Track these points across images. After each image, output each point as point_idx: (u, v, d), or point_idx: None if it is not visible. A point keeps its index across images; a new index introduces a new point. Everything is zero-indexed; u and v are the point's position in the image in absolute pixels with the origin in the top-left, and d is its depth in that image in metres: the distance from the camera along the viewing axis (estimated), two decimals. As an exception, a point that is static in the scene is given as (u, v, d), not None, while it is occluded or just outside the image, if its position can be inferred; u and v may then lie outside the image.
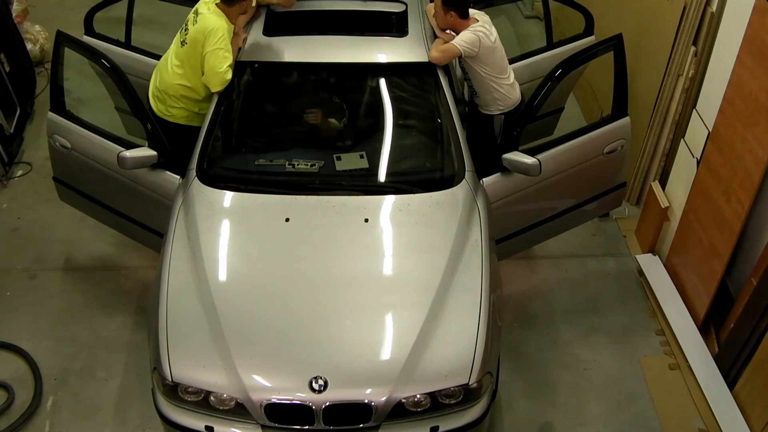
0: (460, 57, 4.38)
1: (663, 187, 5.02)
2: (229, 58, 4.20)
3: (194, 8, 4.36)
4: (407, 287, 3.52)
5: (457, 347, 3.33)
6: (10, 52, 6.22)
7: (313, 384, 3.19)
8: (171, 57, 4.44)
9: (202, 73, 4.26)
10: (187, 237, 3.68)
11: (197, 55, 4.24)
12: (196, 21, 4.27)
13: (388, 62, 4.36)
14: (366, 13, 4.65)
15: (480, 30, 4.35)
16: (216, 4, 4.29)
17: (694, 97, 4.70)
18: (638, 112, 4.97)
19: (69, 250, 5.12)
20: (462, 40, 4.31)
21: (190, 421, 3.33)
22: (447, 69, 4.51)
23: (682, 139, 4.79)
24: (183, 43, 4.34)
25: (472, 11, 4.44)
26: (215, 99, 4.24)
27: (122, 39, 5.10)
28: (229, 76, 4.20)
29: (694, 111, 4.63)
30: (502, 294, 3.79)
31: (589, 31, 5.13)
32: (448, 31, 4.43)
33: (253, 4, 4.54)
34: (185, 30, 4.34)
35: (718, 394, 4.10)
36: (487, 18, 4.50)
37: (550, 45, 5.19)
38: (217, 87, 4.22)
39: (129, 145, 4.09)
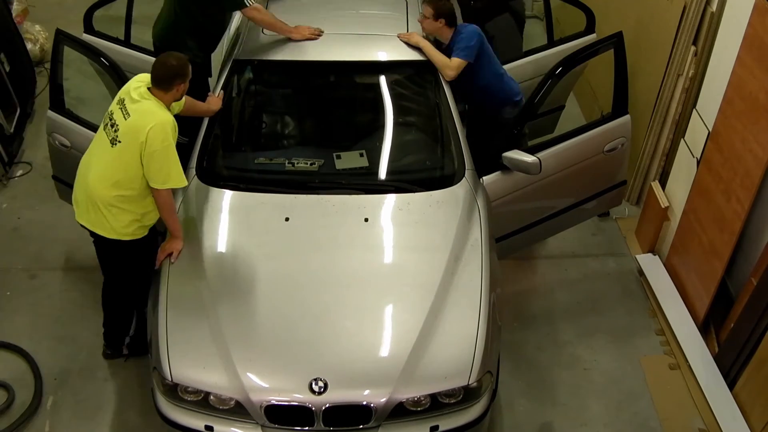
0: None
1: (663, 186, 5.02)
2: (178, 162, 3.57)
3: (117, 98, 3.62)
4: (407, 287, 3.52)
5: (457, 347, 3.33)
6: (10, 52, 6.22)
7: (313, 385, 3.18)
8: (94, 164, 3.64)
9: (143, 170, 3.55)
10: (186, 236, 3.68)
11: (134, 152, 3.49)
12: (128, 113, 3.50)
13: (388, 60, 4.36)
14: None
15: None
16: (148, 89, 3.55)
17: (694, 97, 4.70)
18: (638, 111, 4.97)
19: (69, 250, 5.11)
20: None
21: (190, 421, 3.32)
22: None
23: (682, 139, 4.79)
24: (114, 142, 3.53)
25: None
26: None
27: (122, 37, 5.10)
28: (184, 182, 3.62)
29: (694, 111, 4.62)
30: (502, 293, 3.78)
31: (590, 29, 5.13)
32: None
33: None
34: (112, 126, 3.55)
35: (718, 394, 4.09)
36: None
37: (551, 43, 5.20)
38: (166, 188, 3.58)
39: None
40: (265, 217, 3.79)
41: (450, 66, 4.32)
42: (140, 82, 3.59)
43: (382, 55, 4.38)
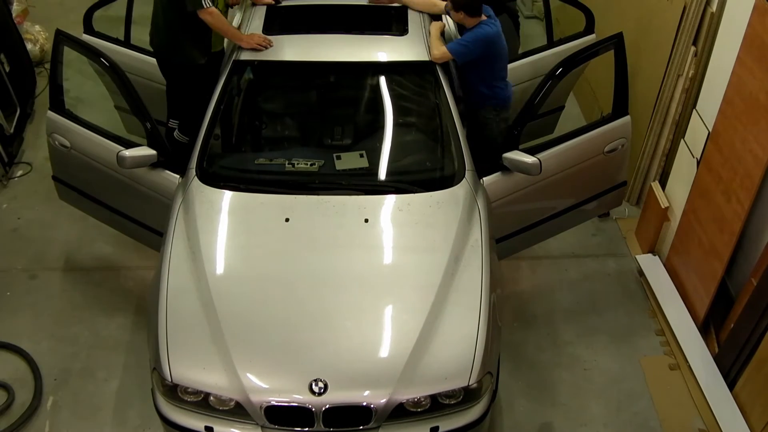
0: None
1: (663, 187, 5.02)
2: None
3: None
4: (407, 288, 3.52)
5: (457, 348, 3.32)
6: (10, 52, 6.22)
7: (313, 386, 3.18)
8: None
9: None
10: (186, 236, 3.68)
11: None
12: None
13: (388, 61, 4.36)
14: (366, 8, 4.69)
15: None
16: None
17: (694, 97, 4.70)
18: (638, 112, 4.97)
19: (69, 250, 5.12)
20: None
21: (190, 422, 3.32)
22: (447, 67, 4.51)
23: (682, 139, 4.79)
24: None
25: None
26: (215, 97, 4.24)
27: (122, 37, 5.10)
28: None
29: (694, 111, 4.62)
30: (502, 294, 3.79)
31: (589, 29, 5.13)
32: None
33: None
34: None
35: (718, 394, 4.10)
36: None
37: (551, 43, 5.19)
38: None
39: (128, 144, 4.09)
40: (265, 218, 3.79)
41: (437, 51, 4.37)
42: None
43: (382, 56, 4.38)
